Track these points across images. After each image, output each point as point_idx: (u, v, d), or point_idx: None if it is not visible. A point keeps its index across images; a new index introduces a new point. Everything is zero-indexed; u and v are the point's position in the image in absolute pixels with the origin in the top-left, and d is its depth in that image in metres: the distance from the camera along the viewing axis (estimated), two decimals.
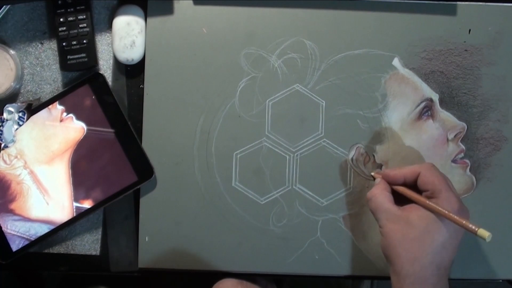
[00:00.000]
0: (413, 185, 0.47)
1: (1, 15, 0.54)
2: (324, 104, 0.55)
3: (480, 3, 0.55)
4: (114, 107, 0.54)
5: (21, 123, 0.53)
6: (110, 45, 0.55)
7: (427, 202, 0.44)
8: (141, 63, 0.55)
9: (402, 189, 0.48)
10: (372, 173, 0.53)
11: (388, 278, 0.46)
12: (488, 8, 0.55)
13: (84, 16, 0.53)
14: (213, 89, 0.54)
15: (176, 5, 0.55)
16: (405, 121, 0.55)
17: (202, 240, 0.54)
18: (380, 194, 0.47)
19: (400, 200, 0.47)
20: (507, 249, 0.54)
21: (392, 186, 0.49)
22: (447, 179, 0.46)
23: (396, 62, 0.55)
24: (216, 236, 0.54)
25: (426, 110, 0.55)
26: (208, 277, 0.54)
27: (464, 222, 0.42)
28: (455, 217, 0.42)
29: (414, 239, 0.43)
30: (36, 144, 0.53)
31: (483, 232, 0.40)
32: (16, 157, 0.53)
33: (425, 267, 0.43)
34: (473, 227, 0.41)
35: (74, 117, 0.53)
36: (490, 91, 0.55)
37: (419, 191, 0.47)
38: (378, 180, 0.50)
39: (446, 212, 0.43)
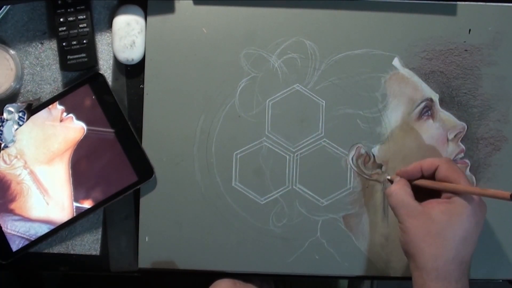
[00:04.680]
0: (430, 178, 0.47)
1: (1, 15, 0.54)
2: (324, 104, 0.55)
3: (480, 3, 0.55)
4: (114, 107, 0.54)
5: (21, 123, 0.53)
6: (110, 45, 0.55)
7: (459, 186, 0.44)
8: (141, 63, 0.55)
9: (423, 182, 0.48)
10: (388, 177, 0.52)
11: (388, 278, 0.46)
12: (488, 8, 0.55)
13: (84, 16, 0.53)
14: (213, 89, 0.54)
15: (176, 5, 0.55)
16: (405, 121, 0.55)
17: (202, 240, 0.54)
18: (400, 189, 0.47)
19: (418, 197, 0.47)
20: (507, 249, 0.54)
21: (411, 182, 0.48)
22: (464, 173, 0.46)
23: (396, 62, 0.55)
24: (216, 236, 0.54)
25: (426, 110, 0.55)
26: (208, 277, 0.54)
27: (493, 191, 0.42)
28: (491, 190, 0.42)
29: (437, 234, 0.43)
30: (36, 144, 0.53)
31: None
32: (16, 157, 0.53)
33: (448, 262, 0.43)
34: (505, 193, 0.41)
35: (74, 117, 0.53)
36: (490, 91, 0.55)
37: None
38: (397, 178, 0.49)
39: (478, 188, 0.43)
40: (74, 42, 0.53)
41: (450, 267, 0.43)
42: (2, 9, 0.54)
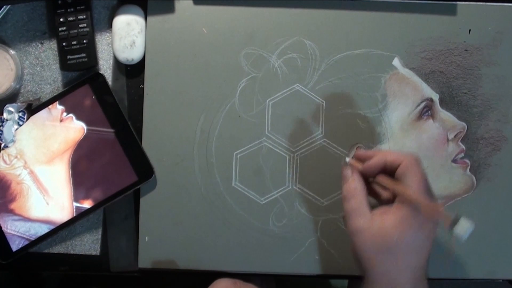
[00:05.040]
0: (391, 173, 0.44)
1: (1, 15, 0.54)
2: (324, 104, 0.55)
3: (480, 3, 0.55)
4: (114, 107, 0.54)
5: (21, 123, 0.53)
6: (110, 45, 0.55)
7: (412, 195, 0.41)
8: (141, 63, 0.55)
9: (386, 181, 0.44)
10: (348, 160, 0.47)
11: None
12: (488, 8, 0.55)
13: (84, 16, 0.53)
14: (213, 89, 0.54)
15: (176, 5, 0.55)
16: (405, 121, 0.55)
17: (202, 240, 0.54)
18: (358, 196, 0.44)
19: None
20: (507, 249, 0.54)
21: (369, 178, 0.45)
22: (426, 180, 0.43)
23: (396, 62, 0.55)
24: (216, 236, 0.54)
25: (426, 110, 0.55)
26: (208, 277, 0.54)
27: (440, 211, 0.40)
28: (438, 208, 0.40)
29: (389, 249, 0.42)
30: (36, 144, 0.53)
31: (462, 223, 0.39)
32: (16, 157, 0.53)
33: (401, 274, 0.42)
34: (447, 217, 0.39)
35: (74, 117, 0.53)
36: (490, 91, 0.55)
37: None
38: (352, 177, 0.45)
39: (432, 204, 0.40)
40: (74, 42, 0.53)
41: (404, 277, 0.42)
42: (2, 9, 0.54)
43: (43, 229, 0.53)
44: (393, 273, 0.42)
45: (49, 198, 0.53)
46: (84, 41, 0.54)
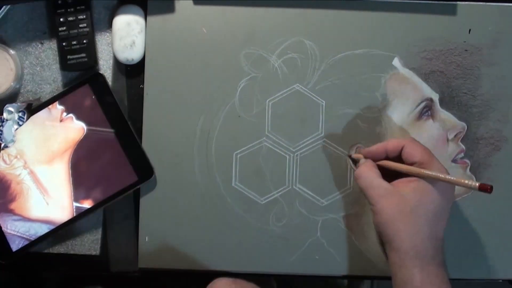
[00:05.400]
0: (396, 159, 0.48)
1: (1, 15, 0.54)
2: (324, 104, 0.55)
3: (480, 3, 0.55)
4: (114, 107, 0.54)
5: (21, 123, 0.53)
6: (110, 45, 0.55)
7: (423, 171, 0.44)
8: (141, 63, 0.55)
9: (388, 163, 0.48)
10: (351, 154, 0.52)
11: (388, 278, 0.46)
12: (488, 8, 0.55)
13: (84, 16, 0.53)
14: (213, 89, 0.54)
15: (176, 5, 0.55)
16: (405, 121, 0.55)
17: (202, 240, 0.54)
18: (369, 171, 0.47)
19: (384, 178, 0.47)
20: (507, 249, 0.54)
21: (377, 162, 0.49)
22: (429, 152, 0.46)
23: (396, 62, 0.55)
24: (216, 236, 0.54)
25: (426, 110, 0.55)
26: (208, 277, 0.54)
27: (465, 181, 0.41)
28: (455, 179, 0.42)
29: (411, 212, 0.43)
30: (36, 144, 0.53)
31: (484, 186, 0.40)
32: (16, 157, 0.53)
33: (424, 239, 0.43)
34: (474, 183, 0.41)
35: (74, 117, 0.53)
36: (490, 91, 0.55)
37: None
38: (363, 159, 0.50)
39: (447, 176, 0.43)
40: (74, 42, 0.53)
41: (426, 245, 0.43)
42: (2, 9, 0.54)
43: (43, 229, 0.53)
44: (416, 238, 0.43)
45: (49, 198, 0.53)
46: (84, 41, 0.54)
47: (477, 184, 0.40)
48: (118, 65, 0.55)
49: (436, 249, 0.43)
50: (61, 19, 0.53)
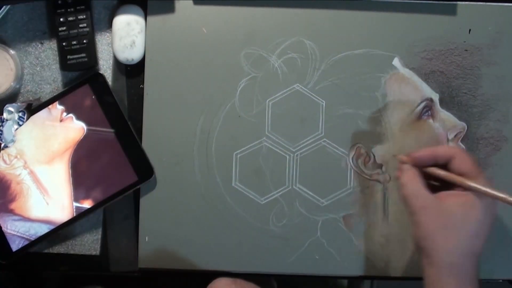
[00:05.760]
0: (441, 167, 0.46)
1: (1, 15, 0.54)
2: (324, 104, 0.55)
3: (480, 3, 0.55)
4: (114, 107, 0.54)
5: (21, 123, 0.53)
6: (110, 45, 0.55)
7: (481, 187, 0.43)
8: (141, 63, 0.55)
9: (437, 171, 0.45)
10: (400, 156, 0.48)
11: (388, 278, 0.46)
12: (488, 8, 0.55)
13: (84, 16, 0.53)
14: (213, 89, 0.54)
15: (176, 5, 0.55)
16: (405, 121, 0.55)
17: (202, 240, 0.54)
18: (413, 180, 0.45)
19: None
20: (507, 249, 0.54)
21: (423, 169, 0.46)
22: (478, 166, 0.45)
23: (396, 62, 0.55)
24: (216, 236, 0.54)
25: (426, 110, 0.55)
26: (208, 277, 0.54)
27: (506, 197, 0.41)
28: (500, 195, 0.41)
29: (453, 227, 0.42)
30: (36, 144, 0.53)
31: None
32: (16, 157, 0.53)
33: (462, 256, 0.42)
34: None
35: (74, 117, 0.53)
36: (490, 91, 0.55)
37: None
38: (406, 166, 0.46)
39: (499, 194, 0.41)
40: (74, 42, 0.53)
41: (465, 262, 0.42)
42: (2, 9, 0.54)
43: (43, 229, 0.53)
44: (455, 255, 0.42)
45: (49, 198, 0.53)
46: (84, 41, 0.54)
47: None
48: (118, 65, 0.55)
49: (473, 266, 0.42)
50: (61, 19, 0.53)
